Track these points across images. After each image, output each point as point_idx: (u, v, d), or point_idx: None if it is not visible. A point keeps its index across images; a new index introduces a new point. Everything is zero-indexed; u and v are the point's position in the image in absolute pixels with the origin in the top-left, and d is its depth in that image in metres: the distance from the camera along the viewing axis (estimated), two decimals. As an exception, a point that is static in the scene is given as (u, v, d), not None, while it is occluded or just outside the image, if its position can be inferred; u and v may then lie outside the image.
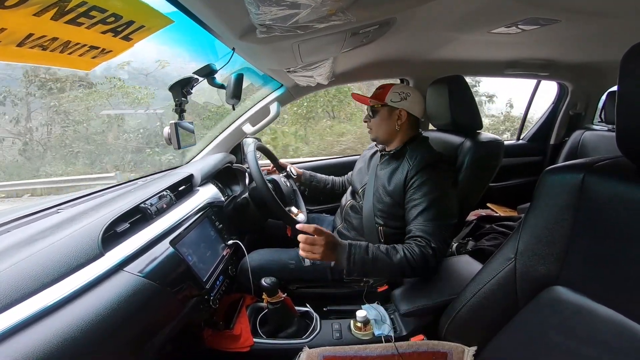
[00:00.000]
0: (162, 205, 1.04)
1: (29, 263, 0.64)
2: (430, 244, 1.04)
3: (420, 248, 1.03)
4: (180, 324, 0.89)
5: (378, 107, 1.27)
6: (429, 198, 1.09)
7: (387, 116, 1.27)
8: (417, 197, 1.11)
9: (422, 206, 1.09)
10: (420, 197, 1.11)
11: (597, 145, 2.17)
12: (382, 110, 1.27)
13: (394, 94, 1.25)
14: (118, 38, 0.70)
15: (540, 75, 2.15)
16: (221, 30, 0.83)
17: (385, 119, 1.27)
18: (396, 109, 1.25)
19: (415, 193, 1.12)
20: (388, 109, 1.26)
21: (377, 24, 0.94)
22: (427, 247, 1.04)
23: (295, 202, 1.56)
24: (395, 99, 1.24)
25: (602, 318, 0.61)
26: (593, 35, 1.32)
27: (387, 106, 1.26)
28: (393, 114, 1.26)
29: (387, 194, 1.20)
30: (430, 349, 0.98)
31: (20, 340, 0.53)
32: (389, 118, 1.26)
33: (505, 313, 0.80)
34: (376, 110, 1.28)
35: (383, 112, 1.27)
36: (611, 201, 0.60)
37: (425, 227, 1.07)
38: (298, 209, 1.49)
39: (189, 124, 1.22)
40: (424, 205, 1.09)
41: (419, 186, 1.12)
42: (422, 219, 1.08)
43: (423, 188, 1.11)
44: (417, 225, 1.09)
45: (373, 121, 1.30)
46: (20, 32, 0.56)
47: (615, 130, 0.59)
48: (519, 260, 0.76)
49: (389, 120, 1.27)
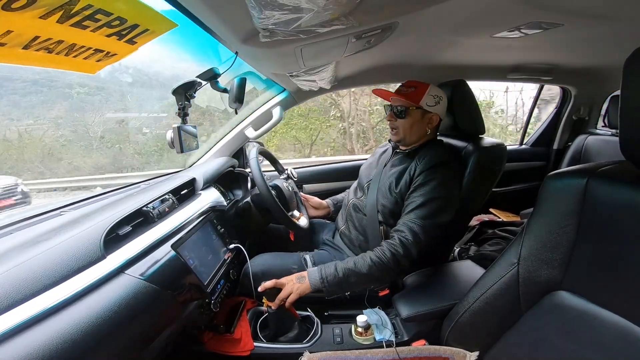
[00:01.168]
0: (165, 208, 1.04)
1: (31, 265, 0.64)
2: (407, 242, 1.06)
3: (393, 247, 1.06)
4: (180, 327, 0.89)
5: (412, 109, 1.22)
6: (426, 197, 1.10)
7: (419, 119, 1.23)
8: (415, 194, 1.13)
9: (416, 203, 1.11)
10: (418, 195, 1.12)
11: (600, 150, 2.16)
12: (414, 112, 1.22)
13: (429, 97, 1.20)
14: (123, 41, 0.71)
15: (544, 79, 2.14)
16: (224, 35, 0.83)
17: (417, 121, 1.23)
18: (429, 113, 1.22)
19: (415, 191, 1.14)
20: (421, 112, 1.22)
21: (380, 29, 0.95)
22: (399, 245, 1.05)
23: (297, 205, 1.56)
24: (430, 102, 1.20)
25: (606, 323, 0.61)
26: (596, 39, 1.32)
27: (420, 109, 1.22)
28: (425, 117, 1.23)
29: (392, 192, 1.20)
30: (432, 354, 0.98)
31: (21, 341, 0.53)
32: (421, 121, 1.23)
33: (508, 318, 0.80)
34: (409, 112, 1.22)
35: (416, 115, 1.22)
36: (615, 206, 0.60)
37: (412, 224, 1.08)
38: (300, 213, 1.49)
39: (192, 127, 1.22)
40: (418, 202, 1.11)
41: (420, 185, 1.13)
42: (412, 216, 1.10)
43: (424, 187, 1.12)
44: (405, 220, 1.11)
45: (401, 122, 1.24)
46: (26, 35, 0.56)
47: (619, 134, 0.59)
48: (522, 265, 0.76)
49: (420, 123, 1.23)
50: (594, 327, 0.62)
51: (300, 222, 1.38)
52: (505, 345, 0.81)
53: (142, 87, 3.59)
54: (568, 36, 1.27)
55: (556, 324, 0.68)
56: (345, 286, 1.06)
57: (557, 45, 1.47)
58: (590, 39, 1.33)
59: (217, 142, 1.79)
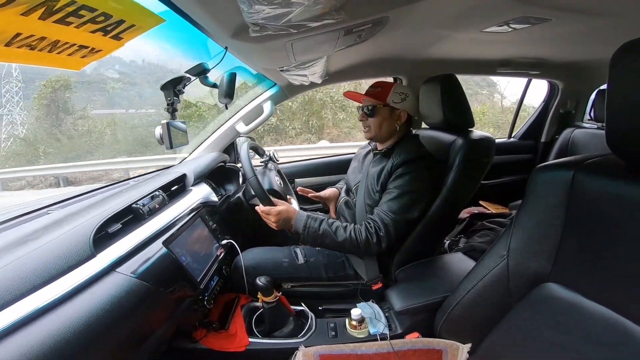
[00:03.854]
0: (155, 205, 1.03)
1: (20, 265, 0.63)
2: (379, 232, 1.13)
3: (368, 233, 1.13)
4: (174, 324, 0.89)
5: (380, 107, 1.26)
6: (399, 191, 1.15)
7: (388, 116, 1.27)
8: (390, 187, 1.18)
9: (390, 196, 1.16)
10: (392, 188, 1.17)
11: (587, 143, 2.20)
12: (382, 110, 1.26)
13: (395, 94, 1.25)
14: (108, 37, 0.69)
15: (531, 73, 2.17)
16: (213, 29, 0.82)
17: (385, 119, 1.27)
18: (397, 110, 1.26)
19: (390, 184, 1.18)
20: (389, 109, 1.26)
21: (370, 23, 0.94)
22: (374, 234, 1.13)
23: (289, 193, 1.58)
24: (396, 99, 1.25)
25: (594, 314, 0.62)
26: (583, 34, 1.33)
27: (388, 106, 1.26)
28: (393, 114, 1.27)
29: (375, 191, 1.23)
30: (425, 346, 0.99)
31: (13, 342, 0.53)
32: (390, 118, 1.27)
33: (498, 310, 0.81)
34: (376, 110, 1.27)
35: (384, 112, 1.26)
36: (601, 198, 0.61)
37: (384, 216, 1.14)
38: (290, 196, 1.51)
39: (182, 123, 1.21)
40: (392, 195, 1.16)
41: (395, 178, 1.18)
42: (385, 207, 1.15)
43: (398, 180, 1.17)
44: (379, 211, 1.16)
45: (371, 120, 1.28)
46: (8, 32, 0.55)
47: (605, 128, 0.60)
48: (511, 257, 0.77)
49: (389, 120, 1.27)
50: (582, 319, 0.63)
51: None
52: (497, 336, 0.82)
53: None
54: (556, 31, 1.29)
55: (546, 315, 0.70)
56: (319, 243, 1.16)
57: (545, 40, 1.49)
58: (577, 34, 1.35)
59: (208, 137, 1.78)
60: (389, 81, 1.29)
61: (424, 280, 1.19)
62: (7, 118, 9.11)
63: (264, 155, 1.61)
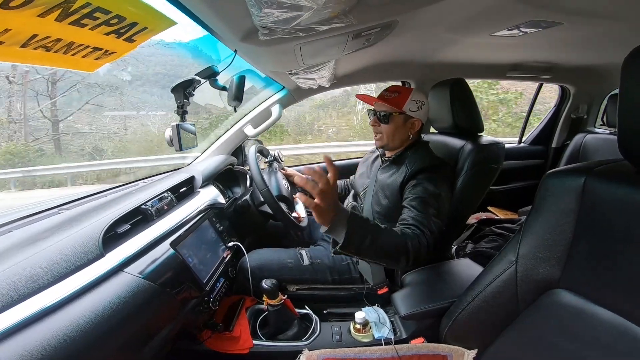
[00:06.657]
0: (163, 206, 1.04)
1: (30, 263, 0.64)
2: (425, 233, 0.98)
3: (417, 236, 0.97)
4: (179, 325, 0.89)
5: (395, 114, 1.21)
6: (425, 194, 1.07)
7: (402, 124, 1.22)
8: (412, 194, 1.09)
9: (416, 201, 1.06)
10: (415, 194, 1.08)
11: (598, 149, 2.17)
12: (397, 117, 1.21)
13: (412, 102, 1.19)
14: (121, 39, 0.70)
15: (543, 78, 2.14)
16: (223, 33, 0.83)
17: (400, 127, 1.22)
18: (412, 118, 1.22)
19: (410, 192, 1.11)
20: (404, 117, 1.21)
21: (379, 27, 0.94)
22: (422, 235, 0.97)
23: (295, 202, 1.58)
24: (413, 108, 1.20)
25: (603, 321, 0.61)
26: (595, 37, 1.32)
27: (403, 114, 1.21)
28: (407, 123, 1.22)
29: (384, 197, 1.21)
30: (431, 351, 0.98)
31: (20, 340, 0.53)
32: (403, 126, 1.22)
33: (506, 316, 0.80)
34: (391, 117, 1.21)
35: (398, 120, 1.21)
36: (612, 204, 0.60)
37: (420, 219, 1.01)
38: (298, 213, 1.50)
39: (191, 125, 1.22)
40: (418, 199, 1.06)
41: (414, 186, 1.11)
42: (416, 211, 1.04)
43: (418, 187, 1.10)
44: (411, 214, 1.03)
45: (384, 127, 1.23)
46: (24, 33, 0.56)
47: (617, 133, 0.59)
48: (520, 263, 0.76)
49: (403, 128, 1.22)
50: (591, 325, 0.62)
51: (303, 224, 1.39)
52: (504, 343, 0.81)
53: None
54: (567, 35, 1.27)
55: (554, 322, 0.69)
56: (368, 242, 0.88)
57: (556, 44, 1.47)
58: (589, 38, 1.33)
59: (217, 139, 1.79)
60: (405, 87, 1.22)
61: (430, 285, 1.18)
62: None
63: (269, 156, 1.62)
